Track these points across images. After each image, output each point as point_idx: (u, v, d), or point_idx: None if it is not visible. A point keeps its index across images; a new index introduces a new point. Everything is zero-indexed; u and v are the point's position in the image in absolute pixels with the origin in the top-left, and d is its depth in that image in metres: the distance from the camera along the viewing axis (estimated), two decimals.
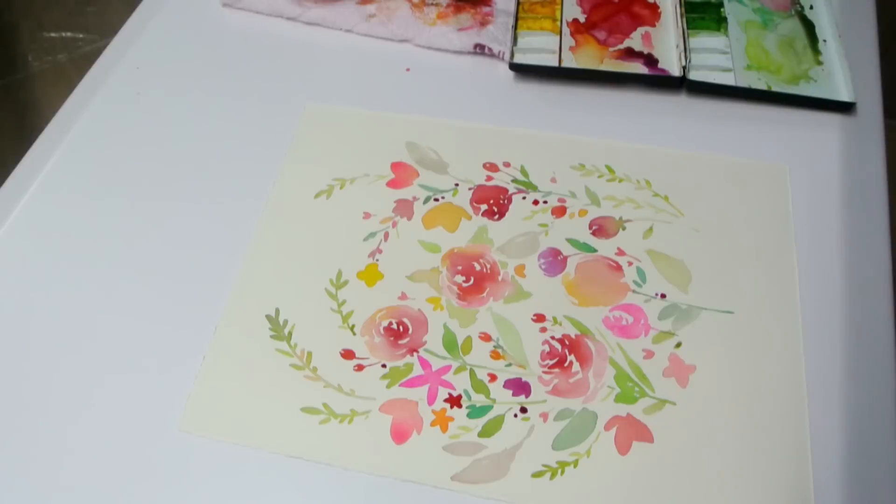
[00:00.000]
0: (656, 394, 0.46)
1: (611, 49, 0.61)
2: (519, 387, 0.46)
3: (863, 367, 0.46)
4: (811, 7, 0.64)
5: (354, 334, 0.48)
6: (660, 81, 0.60)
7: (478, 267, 0.51)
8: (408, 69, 0.63)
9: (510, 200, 0.54)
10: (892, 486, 0.42)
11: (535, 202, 0.54)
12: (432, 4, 0.65)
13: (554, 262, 0.51)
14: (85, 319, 0.50)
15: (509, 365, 0.47)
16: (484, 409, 0.45)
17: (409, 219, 0.54)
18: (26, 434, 0.45)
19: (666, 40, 0.62)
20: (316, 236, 0.53)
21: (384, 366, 0.47)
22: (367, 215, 0.54)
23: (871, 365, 0.46)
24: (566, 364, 0.47)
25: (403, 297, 0.50)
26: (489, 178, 0.56)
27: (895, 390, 0.45)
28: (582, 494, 0.43)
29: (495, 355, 0.47)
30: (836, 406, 0.45)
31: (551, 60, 0.61)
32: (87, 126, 0.60)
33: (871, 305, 0.49)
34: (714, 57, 0.60)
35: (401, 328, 0.49)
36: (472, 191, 0.55)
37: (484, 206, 0.54)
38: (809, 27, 0.62)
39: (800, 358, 0.47)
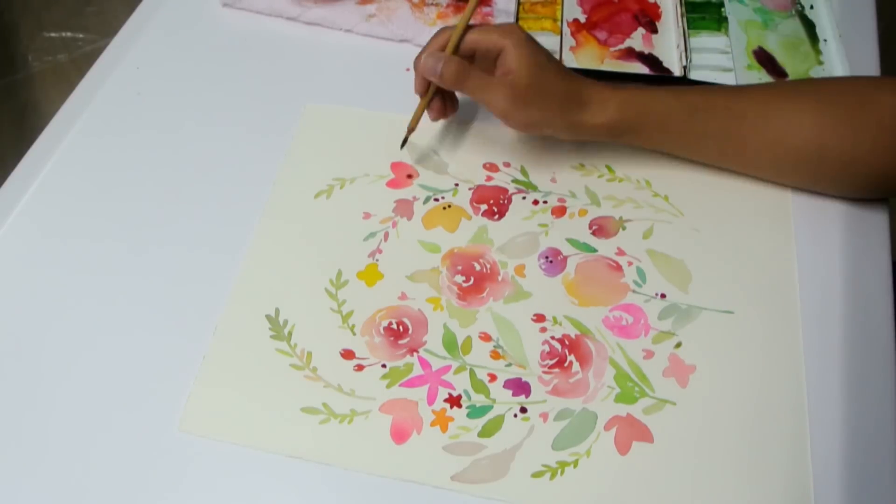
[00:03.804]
0: (656, 394, 0.46)
1: (611, 49, 0.61)
2: (519, 387, 0.46)
3: (863, 367, 0.46)
4: (811, 7, 0.64)
5: (354, 334, 0.48)
6: (660, 81, 0.60)
7: (478, 267, 0.51)
8: (408, 69, 0.63)
9: (510, 200, 0.54)
10: (893, 486, 0.42)
11: (535, 202, 0.54)
12: (432, 4, 0.65)
13: (554, 262, 0.51)
14: (85, 319, 0.50)
15: (509, 365, 0.47)
16: (484, 409, 0.45)
17: (409, 219, 0.54)
18: (25, 434, 0.45)
19: (666, 40, 0.62)
20: (316, 236, 0.53)
21: (384, 366, 0.47)
22: (367, 215, 0.54)
23: (871, 365, 0.46)
24: (566, 364, 0.47)
25: (403, 297, 0.50)
26: (489, 178, 0.55)
27: (895, 390, 0.45)
28: (582, 494, 0.43)
29: (495, 355, 0.47)
30: (836, 406, 0.45)
31: None
32: (87, 126, 0.60)
33: (871, 305, 0.49)
34: (715, 57, 0.60)
35: (401, 328, 0.49)
36: (472, 191, 0.55)
37: (484, 206, 0.54)
38: (810, 27, 0.62)
39: (800, 358, 0.47)
